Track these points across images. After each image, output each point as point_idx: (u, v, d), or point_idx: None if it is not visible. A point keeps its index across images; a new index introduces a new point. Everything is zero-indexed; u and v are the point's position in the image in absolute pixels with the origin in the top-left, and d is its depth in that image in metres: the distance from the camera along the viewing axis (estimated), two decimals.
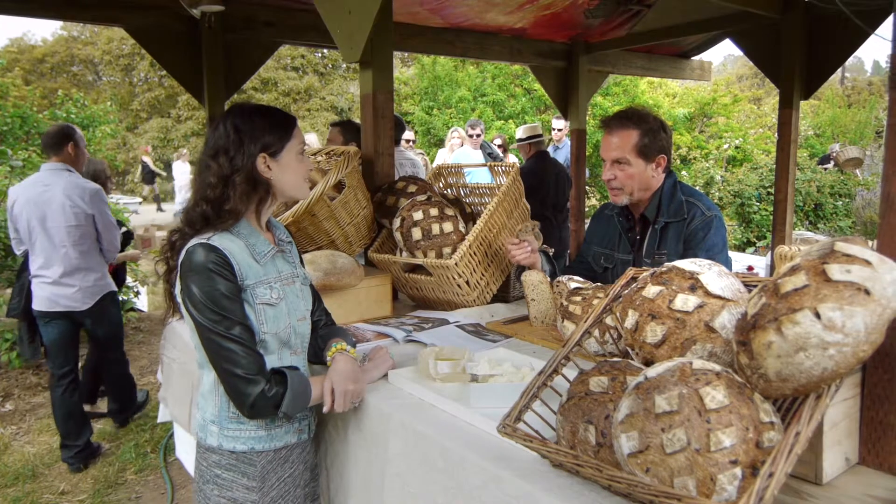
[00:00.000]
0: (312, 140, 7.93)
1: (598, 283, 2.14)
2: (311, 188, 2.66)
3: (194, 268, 1.53)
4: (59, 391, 3.78)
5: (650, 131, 2.24)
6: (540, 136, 5.83)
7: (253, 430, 1.65)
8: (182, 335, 2.47)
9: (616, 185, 2.29)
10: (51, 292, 3.67)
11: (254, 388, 1.54)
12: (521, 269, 2.49)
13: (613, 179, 2.29)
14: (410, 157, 5.28)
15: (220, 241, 1.57)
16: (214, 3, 3.82)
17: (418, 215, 2.58)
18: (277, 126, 1.65)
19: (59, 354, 3.78)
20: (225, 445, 1.65)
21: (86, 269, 3.73)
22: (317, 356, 1.83)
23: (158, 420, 3.04)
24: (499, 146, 8.01)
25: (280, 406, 1.57)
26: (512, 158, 8.82)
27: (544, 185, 5.43)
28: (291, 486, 1.73)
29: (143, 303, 7.19)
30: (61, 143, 3.74)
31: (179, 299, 1.59)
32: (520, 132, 5.95)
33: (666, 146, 2.28)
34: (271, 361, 1.62)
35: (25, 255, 3.81)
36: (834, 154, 12.32)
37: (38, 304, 3.69)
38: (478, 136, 7.24)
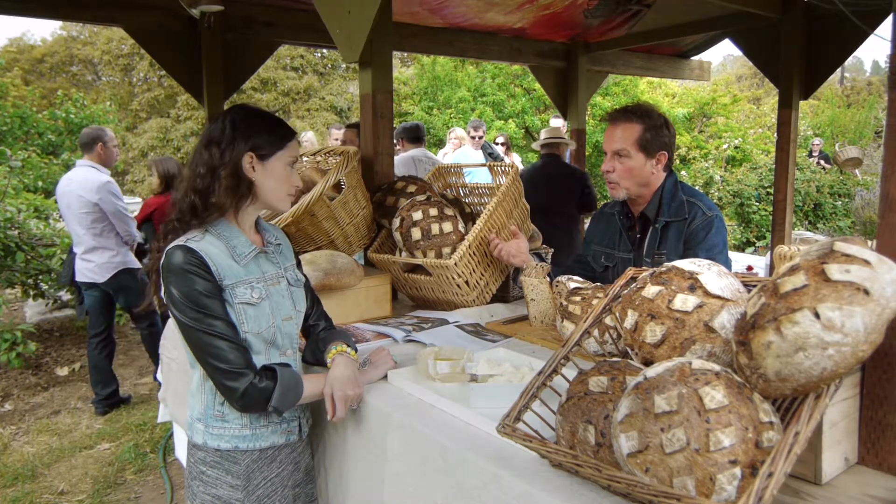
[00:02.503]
0: (311, 139, 7.91)
1: (598, 284, 2.14)
2: (308, 187, 2.67)
3: (172, 269, 1.56)
4: (91, 347, 4.61)
5: (653, 127, 2.24)
6: (555, 139, 5.57)
7: (237, 429, 1.66)
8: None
9: (614, 178, 2.28)
10: (80, 266, 4.50)
11: (242, 381, 1.55)
12: (518, 270, 2.49)
13: (612, 172, 2.28)
14: (431, 156, 5.35)
15: (198, 243, 1.59)
16: (214, 3, 3.82)
17: (418, 215, 2.57)
18: (272, 131, 1.67)
19: (95, 317, 4.61)
20: (210, 443, 1.67)
21: (101, 248, 4.44)
22: (317, 359, 1.84)
23: (158, 420, 3.04)
24: (501, 143, 7.99)
25: (270, 400, 1.58)
26: (515, 157, 8.80)
27: (535, 185, 5.26)
28: (279, 487, 1.73)
29: None
30: (92, 143, 4.51)
31: (165, 301, 1.61)
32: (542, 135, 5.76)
33: (668, 143, 2.27)
34: (259, 362, 1.63)
35: None
36: (814, 146, 12.48)
37: (77, 276, 4.55)
38: (480, 137, 7.22)
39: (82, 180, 4.38)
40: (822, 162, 12.23)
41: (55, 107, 8.65)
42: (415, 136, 5.51)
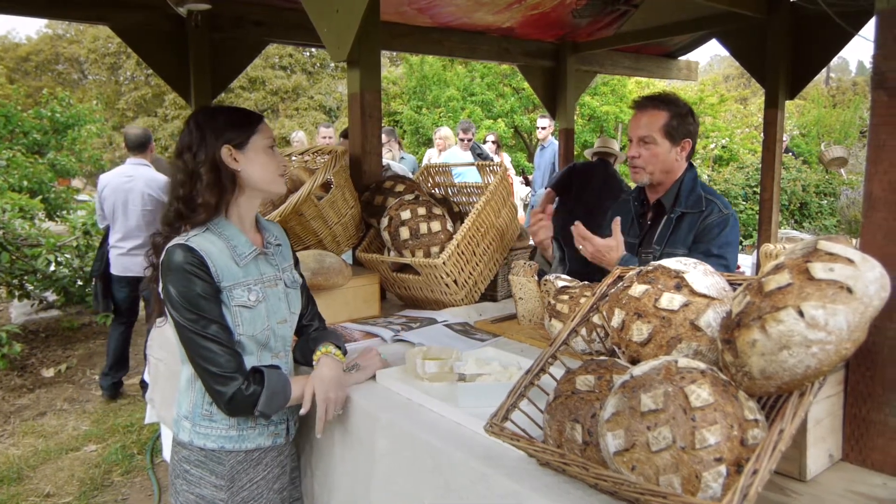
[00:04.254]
0: (301, 139, 7.89)
1: (586, 283, 2.15)
2: (296, 186, 2.66)
3: (172, 268, 1.56)
4: (118, 333, 4.88)
5: (679, 115, 2.28)
6: (610, 152, 5.57)
7: (224, 430, 1.66)
8: (168, 336, 2.45)
9: (639, 164, 2.31)
10: (124, 261, 4.65)
11: (231, 385, 1.56)
12: (535, 249, 2.50)
13: (637, 158, 2.31)
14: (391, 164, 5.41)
15: (199, 241, 1.59)
16: (201, 2, 3.80)
17: (406, 214, 2.57)
18: (238, 121, 1.68)
19: (127, 308, 4.88)
20: (196, 442, 1.66)
21: None
22: (305, 359, 1.84)
23: (146, 421, 3.02)
24: (492, 142, 7.99)
25: (257, 405, 1.58)
26: (505, 157, 8.80)
27: (585, 182, 5.23)
28: (265, 489, 1.73)
29: None
30: (146, 144, 4.80)
31: (162, 298, 1.60)
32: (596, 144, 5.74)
33: (692, 132, 2.32)
34: (250, 363, 1.63)
35: (107, 229, 4.80)
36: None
37: (114, 269, 4.70)
38: (469, 140, 7.20)
39: (148, 178, 4.64)
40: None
41: (40, 106, 8.56)
42: None
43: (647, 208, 2.44)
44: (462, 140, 7.16)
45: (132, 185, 4.63)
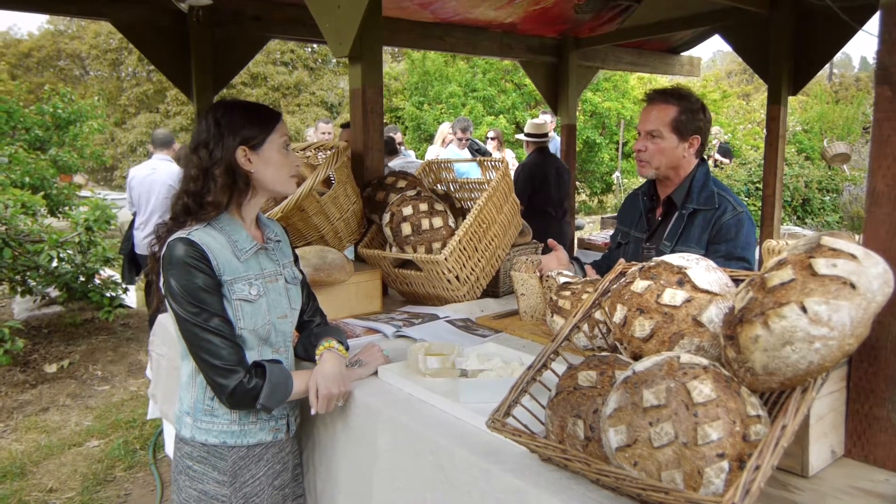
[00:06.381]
0: (312, 136, 7.87)
1: (588, 278, 2.14)
2: (298, 184, 2.65)
3: (173, 262, 1.57)
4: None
5: (690, 110, 2.24)
6: (544, 134, 5.76)
7: (225, 425, 1.67)
8: (170, 331, 2.46)
9: (644, 158, 2.28)
10: (149, 241, 5.03)
11: (232, 378, 1.56)
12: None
13: (643, 151, 2.28)
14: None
15: (200, 235, 1.60)
16: None
17: (408, 210, 2.57)
18: (258, 120, 1.66)
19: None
20: (197, 437, 1.67)
21: None
22: (308, 354, 1.84)
23: (148, 417, 3.03)
24: (492, 138, 7.96)
25: (258, 398, 1.58)
26: (508, 153, 8.78)
27: (546, 182, 5.43)
28: (266, 485, 1.74)
29: (131, 299, 7.16)
30: (170, 142, 5.71)
31: (163, 292, 1.61)
32: (526, 128, 5.90)
33: (703, 128, 2.28)
34: (250, 358, 1.64)
35: (134, 215, 5.58)
36: (718, 142, 12.31)
37: (139, 249, 5.45)
38: (467, 139, 7.17)
39: (170, 172, 5.36)
40: (720, 157, 11.65)
41: (42, 102, 8.57)
42: (391, 148, 5.72)
43: (656, 204, 2.41)
44: (460, 139, 7.12)
45: (155, 176, 5.41)
